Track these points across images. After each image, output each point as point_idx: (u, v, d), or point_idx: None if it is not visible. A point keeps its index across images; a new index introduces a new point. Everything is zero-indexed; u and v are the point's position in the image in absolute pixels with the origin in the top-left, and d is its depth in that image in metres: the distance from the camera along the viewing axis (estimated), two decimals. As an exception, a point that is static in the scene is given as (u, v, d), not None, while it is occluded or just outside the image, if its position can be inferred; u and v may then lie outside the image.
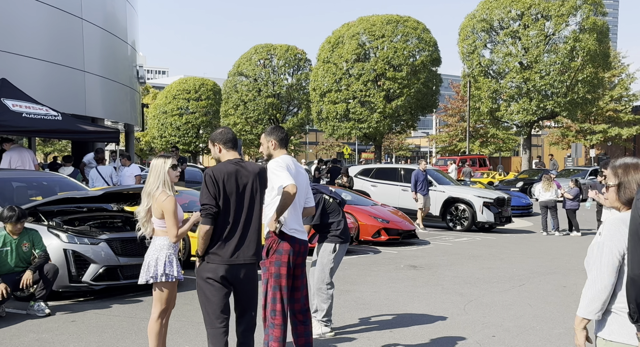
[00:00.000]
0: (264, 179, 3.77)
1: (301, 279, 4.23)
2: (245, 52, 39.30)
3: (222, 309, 3.61)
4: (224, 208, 3.56)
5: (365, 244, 10.97)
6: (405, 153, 61.14)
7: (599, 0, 28.95)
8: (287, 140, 4.26)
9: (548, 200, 13.26)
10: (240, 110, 38.26)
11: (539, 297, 6.79)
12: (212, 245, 3.58)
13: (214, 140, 3.79)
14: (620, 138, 37.61)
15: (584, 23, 28.24)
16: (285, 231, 4.04)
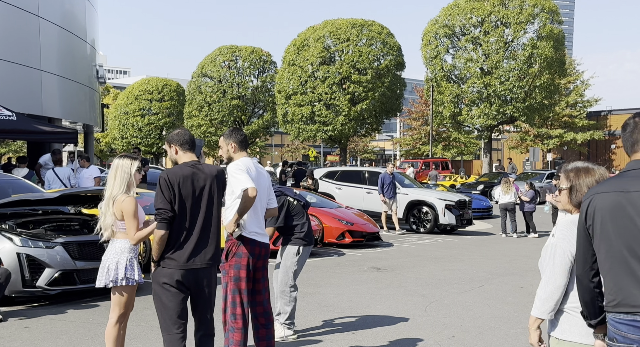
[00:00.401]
0: (221, 182, 3.72)
1: (262, 282, 4.21)
2: (209, 53, 38.88)
3: (179, 314, 3.55)
4: (179, 212, 3.49)
5: (329, 247, 11.01)
6: (370, 156, 61.69)
7: (555, 9, 29.97)
8: (246, 143, 4.24)
9: (507, 202, 13.62)
10: (204, 111, 37.82)
11: (498, 298, 6.96)
12: (167, 249, 3.51)
13: (170, 141, 3.71)
14: (576, 143, 38.95)
15: (541, 31, 29.17)
16: (245, 234, 4.01)
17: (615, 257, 2.18)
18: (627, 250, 2.15)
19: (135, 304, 4.29)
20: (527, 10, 28.96)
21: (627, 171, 2.27)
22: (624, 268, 2.15)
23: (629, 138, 2.36)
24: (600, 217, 2.22)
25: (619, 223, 2.18)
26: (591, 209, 2.26)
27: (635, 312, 2.12)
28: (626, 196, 2.17)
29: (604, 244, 2.22)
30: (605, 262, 2.22)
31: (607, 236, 2.20)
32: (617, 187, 2.22)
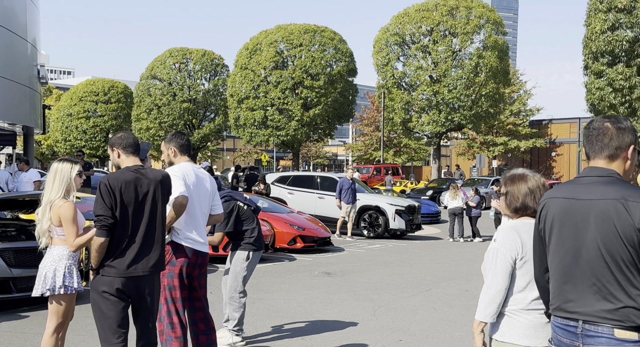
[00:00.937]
0: (167, 187, 3.62)
1: (199, 290, 4.12)
2: (159, 55, 38.06)
3: (120, 324, 3.43)
4: (121, 219, 3.37)
5: (280, 252, 10.96)
6: (322, 161, 61.98)
7: (499, 21, 31.18)
8: (189, 147, 4.16)
9: (455, 208, 13.98)
10: (153, 114, 36.95)
11: (444, 302, 7.12)
12: (107, 257, 3.39)
13: (112, 144, 3.60)
14: (519, 150, 40.54)
15: (486, 41, 30.27)
16: (179, 241, 3.93)
17: (560, 262, 2.22)
18: (570, 257, 2.19)
19: (76, 313, 4.12)
20: (474, 21, 29.98)
21: (582, 177, 2.26)
22: (566, 274, 2.20)
23: (594, 142, 2.26)
24: (550, 221, 2.26)
25: (566, 229, 2.21)
26: (544, 213, 2.29)
27: (569, 318, 2.17)
28: (576, 203, 2.19)
29: (552, 249, 2.26)
30: (552, 266, 2.27)
31: (555, 240, 2.25)
32: (569, 193, 2.24)
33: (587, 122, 2.36)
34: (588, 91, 25.89)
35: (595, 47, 24.56)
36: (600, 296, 2.11)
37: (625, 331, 2.07)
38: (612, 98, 24.48)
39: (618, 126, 2.23)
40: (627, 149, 2.23)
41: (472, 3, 31.06)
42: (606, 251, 2.10)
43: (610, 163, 2.23)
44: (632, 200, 2.07)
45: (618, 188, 2.13)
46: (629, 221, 2.06)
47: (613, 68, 24.30)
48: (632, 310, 2.06)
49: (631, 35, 23.87)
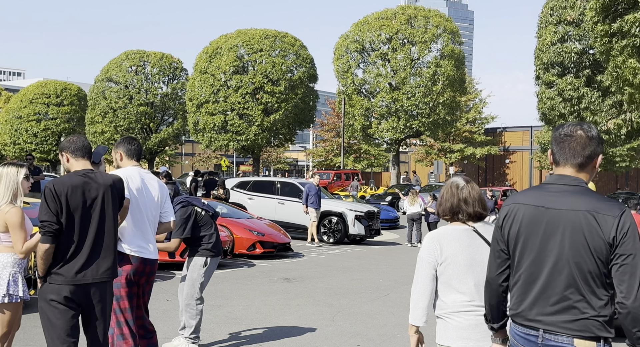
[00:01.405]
0: (118, 191, 3.50)
1: (142, 297, 4.03)
2: (115, 57, 37.18)
3: (69, 333, 3.30)
4: (68, 225, 3.25)
5: (239, 258, 10.85)
6: (283, 166, 61.85)
7: (456, 31, 32.02)
8: (137, 152, 4.07)
9: (414, 213, 14.20)
10: (109, 118, 36.02)
11: (402, 306, 7.21)
12: (55, 264, 3.26)
13: (61, 149, 3.49)
14: (475, 157, 41.62)
15: (443, 50, 31.02)
16: (124, 249, 3.83)
17: (525, 270, 2.21)
18: (536, 265, 2.18)
19: (23, 322, 3.96)
20: (431, 31, 30.68)
21: (550, 185, 2.23)
22: (530, 282, 2.19)
23: (566, 149, 2.22)
24: (517, 228, 2.23)
25: (533, 238, 2.20)
26: (509, 218, 2.26)
27: (530, 326, 2.18)
28: (545, 212, 2.17)
29: (517, 256, 2.24)
30: (516, 272, 2.25)
31: (521, 248, 2.23)
32: (537, 200, 2.21)
33: (554, 128, 2.32)
34: (539, 101, 26.88)
35: (546, 58, 25.55)
36: (562, 305, 2.12)
37: (585, 341, 2.08)
38: (561, 107, 25.50)
39: (590, 135, 2.20)
40: (597, 159, 2.22)
41: (430, 13, 31.79)
42: (574, 262, 2.10)
43: (579, 172, 2.21)
44: (603, 213, 2.07)
45: (589, 199, 2.12)
46: (599, 233, 2.06)
47: (563, 79, 25.34)
48: (592, 321, 2.08)
49: (579, 47, 24.96)
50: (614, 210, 2.09)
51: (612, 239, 2.06)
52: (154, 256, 3.99)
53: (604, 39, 12.90)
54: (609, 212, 2.08)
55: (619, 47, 12.37)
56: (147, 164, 37.93)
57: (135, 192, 3.88)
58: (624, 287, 2.03)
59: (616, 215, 2.07)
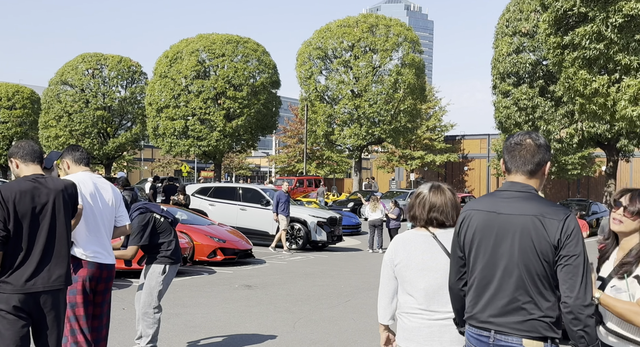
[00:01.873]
0: (71, 197, 3.40)
1: (102, 306, 3.91)
2: (70, 60, 36.17)
3: (18, 344, 3.16)
4: (16, 231, 3.12)
5: (200, 265, 10.68)
6: (245, 172, 61.38)
7: (416, 40, 32.66)
8: (84, 157, 4.01)
9: (375, 219, 14.33)
10: (63, 122, 34.94)
11: (362, 312, 7.25)
12: (3, 272, 3.13)
13: (10, 155, 3.37)
14: (435, 164, 42.41)
15: (404, 59, 31.58)
16: (80, 255, 3.73)
17: (478, 274, 2.30)
18: (488, 269, 2.26)
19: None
20: (392, 39, 31.19)
21: (503, 191, 2.33)
22: (484, 285, 2.27)
23: (517, 157, 2.32)
24: (472, 233, 2.32)
25: (486, 242, 2.28)
26: (465, 224, 2.36)
27: (482, 327, 2.26)
28: (497, 217, 2.26)
29: (472, 260, 2.33)
30: (471, 276, 2.34)
31: (475, 252, 2.31)
32: (490, 206, 2.30)
33: (506, 137, 2.45)
34: (496, 109, 27.66)
35: (502, 68, 26.35)
36: (512, 307, 2.19)
37: (533, 341, 2.17)
38: (517, 116, 26.31)
39: (538, 143, 2.31)
40: (545, 166, 2.32)
41: (391, 22, 32.31)
42: (523, 265, 2.18)
43: (529, 178, 2.31)
44: (549, 217, 2.16)
45: (536, 204, 2.22)
46: (545, 236, 2.15)
47: (518, 88, 26.17)
48: (539, 322, 2.16)
49: (533, 58, 25.86)
50: (559, 214, 2.18)
51: (557, 241, 2.15)
52: (111, 260, 3.91)
53: (556, 50, 13.41)
54: (554, 216, 2.17)
55: (571, 59, 12.89)
56: (104, 169, 36.97)
57: (89, 197, 3.80)
58: (567, 287, 2.12)
59: (561, 219, 2.16)
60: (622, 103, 11.68)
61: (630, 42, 11.53)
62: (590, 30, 11.86)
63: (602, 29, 11.67)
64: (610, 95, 12.28)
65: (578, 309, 2.10)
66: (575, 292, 2.10)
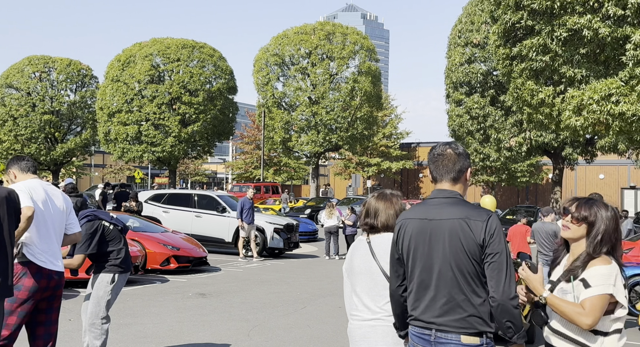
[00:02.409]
0: (13, 204, 3.28)
1: (47, 313, 3.78)
2: (16, 63, 34.81)
3: None
4: None
5: (152, 273, 10.41)
6: (201, 179, 60.46)
7: (372, 48, 33.16)
8: (30, 166, 3.94)
9: (331, 226, 14.36)
10: (8, 126, 33.49)
11: (318, 319, 7.23)
12: None
13: None
14: (391, 171, 43.03)
15: (361, 67, 31.99)
16: (29, 260, 3.61)
17: (417, 278, 2.45)
18: (426, 272, 2.42)
19: None
20: (349, 47, 31.56)
21: (432, 199, 2.51)
22: (423, 288, 2.42)
23: (440, 167, 2.50)
24: (408, 241, 2.47)
25: (421, 248, 2.43)
26: (401, 232, 2.51)
27: (424, 327, 2.40)
28: (429, 223, 2.42)
29: (410, 266, 2.48)
30: (410, 281, 2.48)
31: (413, 258, 2.46)
32: (422, 214, 2.47)
33: (430, 149, 2.61)
34: (449, 118, 28.38)
35: (455, 78, 27.09)
36: (450, 306, 2.34)
37: (470, 337, 2.32)
38: (469, 125, 27.08)
39: (458, 152, 2.50)
40: (466, 172, 2.51)
41: (348, 30, 32.69)
42: (455, 265, 2.34)
43: (454, 185, 2.49)
44: (474, 219, 2.34)
45: (462, 208, 2.39)
46: (472, 237, 2.32)
47: (470, 97, 26.95)
48: (475, 318, 2.32)
49: (484, 68, 26.71)
50: (483, 216, 2.36)
51: (482, 240, 2.32)
52: (60, 268, 3.82)
53: (505, 61, 13.89)
54: (478, 218, 2.35)
55: (519, 69, 13.37)
56: (52, 175, 35.61)
57: (40, 204, 3.72)
58: (494, 282, 2.29)
59: (484, 220, 2.34)
60: (567, 113, 12.19)
61: (574, 55, 12.06)
62: (537, 42, 12.34)
63: (547, 42, 12.16)
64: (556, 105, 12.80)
65: (505, 301, 2.26)
66: (502, 287, 2.26)
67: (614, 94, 11.35)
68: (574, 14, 11.53)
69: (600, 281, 2.38)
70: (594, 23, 11.24)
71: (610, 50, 11.67)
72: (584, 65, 12.08)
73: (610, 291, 2.37)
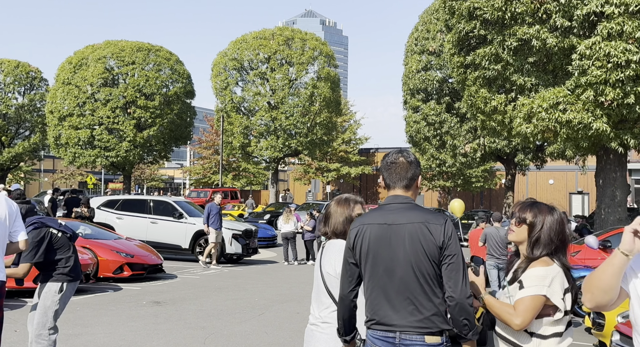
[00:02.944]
0: None
1: None
2: (-43, 64, 33.27)
3: None
4: None
5: (104, 281, 10.11)
6: (158, 184, 59.20)
7: (331, 54, 33.39)
8: None
9: (287, 232, 14.31)
10: (-49, 129, 31.92)
11: (275, 325, 7.18)
12: None
13: None
14: (350, 176, 43.34)
15: (320, 72, 32.14)
16: None
17: (378, 282, 2.46)
18: (386, 277, 2.44)
19: None
20: (308, 53, 31.67)
21: (389, 204, 2.55)
22: (383, 292, 2.44)
23: (393, 174, 2.57)
24: (367, 245, 2.49)
25: (382, 252, 2.46)
26: (359, 238, 2.51)
27: (388, 330, 2.43)
28: (389, 228, 2.46)
29: (369, 270, 2.49)
30: (368, 286, 2.50)
31: (372, 262, 2.48)
32: (381, 219, 2.49)
33: (383, 156, 2.68)
34: (407, 124, 28.85)
35: (412, 85, 27.59)
36: (412, 308, 2.39)
37: (432, 336, 2.39)
38: (426, 131, 27.61)
39: (409, 160, 2.58)
40: (417, 180, 2.59)
41: (307, 36, 32.81)
42: (417, 268, 2.40)
43: (406, 191, 2.57)
44: (433, 223, 2.43)
45: (419, 213, 2.47)
46: (432, 240, 2.40)
47: (427, 104, 27.49)
48: (436, 317, 2.39)
49: (440, 75, 27.32)
50: (440, 220, 2.46)
51: (442, 243, 2.40)
52: (2, 277, 3.64)
53: (460, 69, 14.25)
54: (437, 222, 2.44)
55: (472, 77, 13.74)
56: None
57: None
58: (452, 282, 2.37)
59: (442, 223, 2.44)
60: (518, 120, 12.60)
61: (524, 64, 12.50)
62: (489, 51, 12.72)
63: (499, 51, 12.56)
64: (508, 113, 13.21)
65: (463, 300, 2.36)
66: (460, 286, 2.36)
67: (561, 103, 11.82)
68: (524, 24, 11.95)
69: (534, 282, 2.42)
70: (542, 33, 11.68)
71: (558, 60, 12.16)
72: (534, 74, 12.53)
73: (544, 292, 2.40)
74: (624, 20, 10.83)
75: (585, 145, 12.77)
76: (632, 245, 1.83)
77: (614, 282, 1.88)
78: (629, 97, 11.07)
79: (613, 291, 1.89)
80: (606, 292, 1.89)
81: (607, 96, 11.18)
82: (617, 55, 10.84)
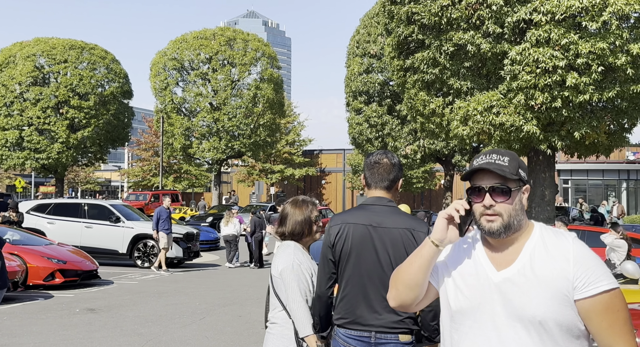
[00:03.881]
0: None
1: None
2: None
3: None
4: None
5: (34, 289, 9.60)
6: (93, 187, 56.88)
7: (274, 56, 33.29)
8: None
9: (227, 234, 14.12)
10: None
11: (216, 329, 7.06)
12: None
13: None
14: (294, 178, 43.35)
15: (263, 73, 31.96)
16: None
17: (354, 282, 2.50)
18: (367, 278, 2.48)
19: None
20: (250, 54, 31.42)
21: (372, 205, 2.57)
22: (361, 293, 2.49)
23: (376, 174, 2.59)
24: (349, 245, 2.51)
25: (364, 253, 2.49)
26: (341, 236, 2.53)
27: (364, 330, 2.49)
28: (374, 230, 2.49)
29: (349, 270, 2.52)
30: (345, 285, 2.53)
31: (354, 262, 2.51)
32: (365, 220, 2.52)
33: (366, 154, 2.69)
34: (350, 126, 29.20)
35: (354, 87, 27.96)
36: (391, 310, 2.44)
37: (405, 335, 2.50)
38: (368, 133, 28.05)
39: (393, 162, 2.63)
40: (398, 182, 2.64)
41: (249, 36, 32.54)
42: None
43: (387, 193, 2.61)
44: (417, 230, 2.51)
45: (404, 218, 2.53)
46: (416, 246, 2.43)
47: (369, 106, 27.94)
48: (409, 319, 2.51)
49: (381, 78, 27.85)
50: (423, 227, 2.55)
51: None
52: None
53: (400, 73, 14.57)
54: (421, 229, 2.53)
55: (412, 81, 14.09)
56: None
57: None
58: None
59: (425, 231, 2.53)
60: (455, 123, 13.04)
61: (460, 68, 12.95)
62: (427, 56, 13.09)
63: (437, 56, 12.95)
64: (445, 115, 13.64)
65: (437, 308, 2.39)
66: None
67: (494, 106, 12.34)
68: (459, 30, 12.38)
69: None
70: (476, 39, 12.15)
71: (491, 65, 12.68)
72: (469, 78, 13.01)
73: None
74: (550, 28, 11.44)
75: (517, 147, 13.37)
76: (444, 234, 1.56)
77: (420, 277, 1.61)
78: (556, 101, 11.70)
79: (419, 287, 1.63)
80: (412, 289, 1.63)
81: (537, 100, 11.77)
82: (544, 61, 11.43)
